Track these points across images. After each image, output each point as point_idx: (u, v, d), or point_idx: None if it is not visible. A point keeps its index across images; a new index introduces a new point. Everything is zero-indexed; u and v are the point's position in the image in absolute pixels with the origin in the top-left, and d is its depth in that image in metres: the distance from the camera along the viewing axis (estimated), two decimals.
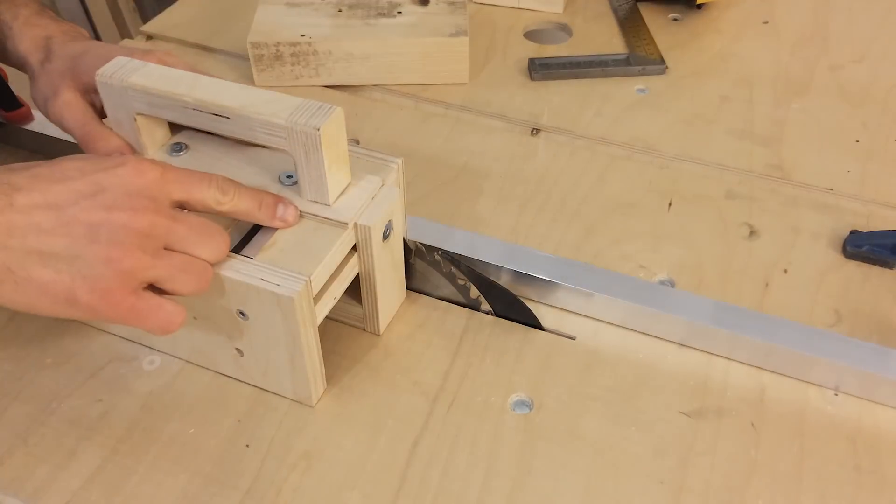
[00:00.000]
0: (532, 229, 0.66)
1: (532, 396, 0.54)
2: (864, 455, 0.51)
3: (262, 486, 0.49)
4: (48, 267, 0.40)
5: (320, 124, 0.46)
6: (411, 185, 0.69)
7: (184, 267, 0.43)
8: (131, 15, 1.55)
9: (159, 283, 0.43)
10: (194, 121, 0.49)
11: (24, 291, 0.40)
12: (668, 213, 0.67)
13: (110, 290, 0.41)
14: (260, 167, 0.53)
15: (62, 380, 0.54)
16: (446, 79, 0.81)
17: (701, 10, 0.93)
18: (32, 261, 0.40)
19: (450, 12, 0.81)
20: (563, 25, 0.91)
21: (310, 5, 0.82)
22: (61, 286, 0.40)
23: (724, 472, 0.50)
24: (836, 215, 0.67)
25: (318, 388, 0.53)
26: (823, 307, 0.60)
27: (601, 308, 0.58)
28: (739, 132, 0.76)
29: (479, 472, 0.50)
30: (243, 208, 0.48)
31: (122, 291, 0.41)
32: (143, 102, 0.50)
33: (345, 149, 0.50)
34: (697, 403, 0.53)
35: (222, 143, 0.54)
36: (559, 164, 0.72)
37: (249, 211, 0.48)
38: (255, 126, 0.48)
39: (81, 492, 0.48)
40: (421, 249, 0.57)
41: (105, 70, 0.50)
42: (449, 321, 0.58)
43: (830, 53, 0.86)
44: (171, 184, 0.44)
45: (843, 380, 0.54)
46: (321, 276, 0.48)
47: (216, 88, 0.49)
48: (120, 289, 0.41)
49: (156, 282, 0.43)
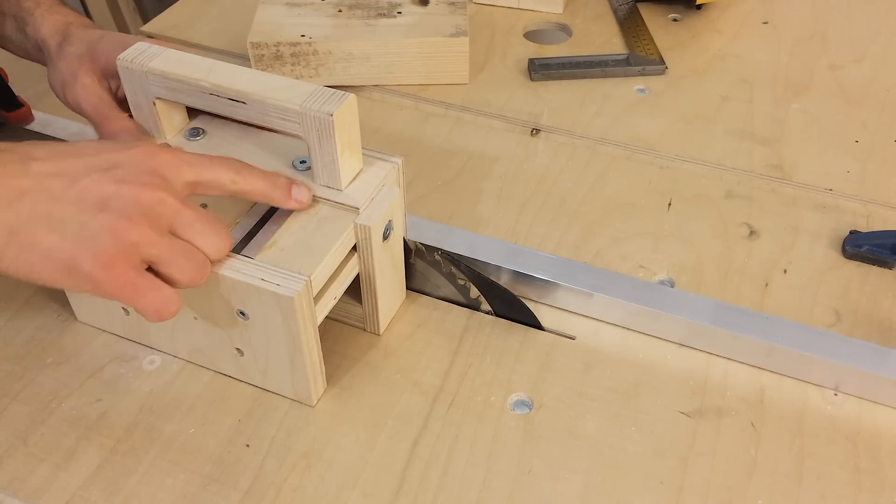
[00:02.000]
0: (532, 229, 0.66)
1: (532, 396, 0.54)
2: (864, 455, 0.51)
3: (262, 486, 0.49)
4: (54, 233, 0.41)
5: (333, 110, 0.47)
6: (411, 185, 0.69)
7: (185, 253, 0.44)
8: (131, 15, 1.55)
9: (159, 265, 0.43)
10: (211, 105, 0.50)
11: (28, 257, 0.41)
12: (668, 213, 0.67)
13: (112, 262, 0.41)
14: (274, 152, 0.54)
15: (62, 380, 0.54)
16: (446, 79, 0.81)
17: (701, 11, 0.93)
18: (39, 225, 0.41)
19: (450, 12, 0.81)
20: (562, 25, 0.91)
21: (310, 5, 0.82)
22: (65, 253, 0.41)
23: (724, 472, 0.50)
24: (835, 215, 0.67)
25: (318, 387, 0.53)
26: (823, 307, 0.60)
27: (601, 308, 0.58)
28: (739, 132, 0.76)
29: (479, 471, 0.50)
30: (259, 188, 0.48)
31: (123, 264, 0.42)
32: (161, 87, 0.51)
33: (357, 135, 0.51)
34: (697, 403, 0.53)
35: (238, 128, 0.55)
36: (559, 164, 0.72)
37: (264, 191, 0.49)
38: (270, 111, 0.49)
39: (81, 492, 0.48)
40: (421, 249, 0.57)
41: (126, 55, 0.51)
42: (449, 321, 0.58)
43: (830, 53, 0.86)
44: (185, 165, 0.45)
45: (843, 380, 0.54)
46: (321, 276, 0.48)
47: (233, 74, 0.50)
48: (122, 261, 0.41)
49: (156, 262, 0.43)
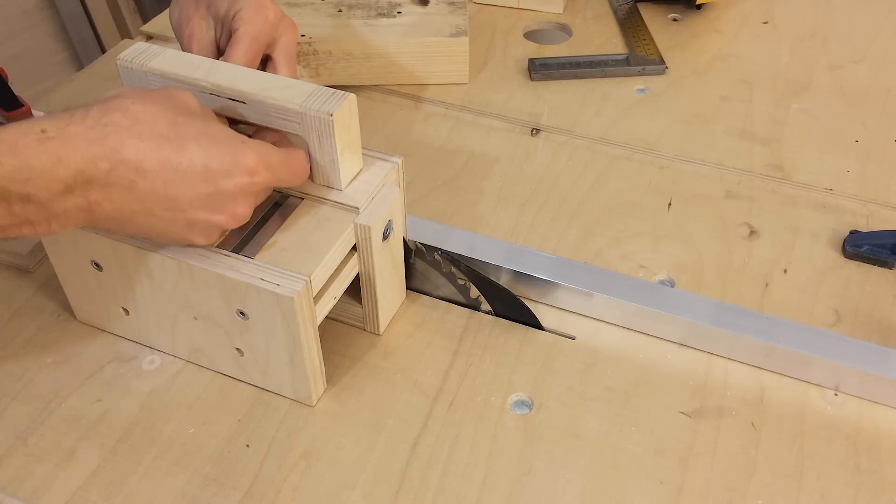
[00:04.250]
0: (532, 229, 0.66)
1: (532, 396, 0.54)
2: (864, 455, 0.51)
3: (262, 486, 0.49)
4: (136, 233, 0.47)
5: (333, 110, 0.47)
6: (411, 185, 0.69)
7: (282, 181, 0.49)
8: (131, 15, 1.55)
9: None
10: (211, 105, 0.50)
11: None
12: (668, 212, 0.67)
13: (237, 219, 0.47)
14: None
15: (62, 380, 0.54)
16: (446, 79, 0.81)
17: (701, 11, 0.93)
18: (129, 228, 0.45)
19: (450, 12, 0.81)
20: (563, 25, 0.91)
21: (310, 5, 0.82)
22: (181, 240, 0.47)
23: (724, 472, 0.50)
24: (835, 215, 0.67)
25: (318, 387, 0.53)
26: (823, 307, 0.60)
27: (601, 308, 0.58)
28: (739, 132, 0.76)
29: (479, 471, 0.50)
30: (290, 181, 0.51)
31: (248, 208, 0.47)
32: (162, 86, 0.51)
33: (357, 135, 0.51)
34: (697, 403, 0.53)
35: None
36: (559, 164, 0.72)
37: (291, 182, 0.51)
38: (270, 111, 0.49)
39: (81, 492, 0.48)
40: (421, 249, 0.57)
41: (126, 55, 0.51)
42: (449, 321, 0.58)
43: (830, 53, 0.86)
44: (273, 180, 0.48)
45: (843, 380, 0.54)
46: (321, 276, 0.48)
47: (233, 73, 0.50)
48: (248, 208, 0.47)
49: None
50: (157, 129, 0.43)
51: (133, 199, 0.43)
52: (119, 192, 0.42)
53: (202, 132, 0.44)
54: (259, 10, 0.55)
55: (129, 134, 0.42)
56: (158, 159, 0.42)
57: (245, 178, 0.45)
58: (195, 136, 0.44)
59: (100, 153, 0.41)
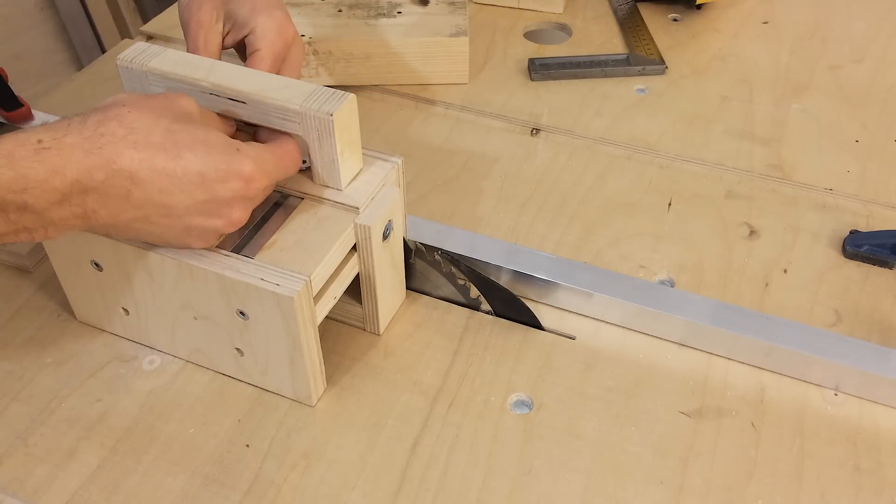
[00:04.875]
0: (532, 229, 0.66)
1: (532, 396, 0.54)
2: (864, 455, 0.51)
3: (261, 486, 0.49)
4: (134, 238, 0.48)
5: (333, 110, 0.47)
6: (411, 185, 0.69)
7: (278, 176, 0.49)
8: (131, 15, 1.55)
9: None
10: (211, 105, 0.50)
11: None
12: (668, 212, 0.67)
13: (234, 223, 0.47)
14: None
15: (62, 380, 0.54)
16: (446, 79, 0.81)
17: (701, 10, 0.93)
18: (126, 233, 0.47)
19: (450, 12, 0.81)
20: (563, 25, 0.91)
21: (310, 5, 0.82)
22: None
23: (724, 472, 0.50)
24: (835, 215, 0.67)
25: (318, 387, 0.53)
26: (823, 307, 0.60)
27: (601, 308, 0.58)
28: (739, 132, 0.76)
29: (479, 472, 0.50)
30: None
31: (244, 213, 0.48)
32: (161, 87, 0.51)
33: (357, 135, 0.51)
34: (697, 403, 0.53)
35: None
36: (559, 164, 0.72)
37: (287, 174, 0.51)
38: (270, 111, 0.49)
39: (81, 492, 0.48)
40: (421, 249, 0.57)
41: (126, 55, 0.51)
42: (449, 321, 0.58)
43: (830, 53, 0.86)
44: (270, 183, 0.48)
45: (843, 380, 0.54)
46: (321, 275, 0.48)
47: (233, 73, 0.50)
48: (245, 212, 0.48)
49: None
50: (153, 138, 0.43)
51: (129, 207, 0.43)
52: (115, 201, 0.42)
53: (198, 140, 0.44)
54: (280, 32, 0.56)
55: (124, 144, 0.42)
56: (153, 168, 0.42)
57: (240, 184, 0.45)
58: (191, 145, 0.44)
59: (95, 163, 0.41)
